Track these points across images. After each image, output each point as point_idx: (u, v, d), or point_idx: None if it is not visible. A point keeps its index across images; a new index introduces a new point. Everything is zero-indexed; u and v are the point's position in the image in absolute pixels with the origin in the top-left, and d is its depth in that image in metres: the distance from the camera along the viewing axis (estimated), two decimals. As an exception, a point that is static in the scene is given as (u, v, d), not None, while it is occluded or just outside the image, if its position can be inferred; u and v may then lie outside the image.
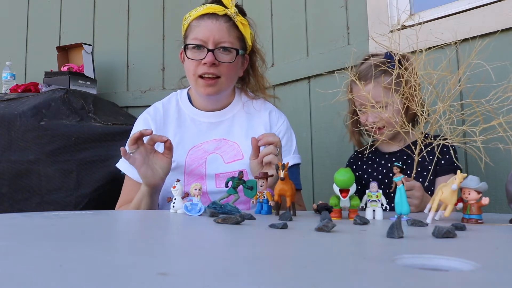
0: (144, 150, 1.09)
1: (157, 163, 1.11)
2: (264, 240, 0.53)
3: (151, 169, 1.10)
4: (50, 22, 2.46)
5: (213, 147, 1.26)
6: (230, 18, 1.22)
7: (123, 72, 2.39)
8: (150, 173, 1.09)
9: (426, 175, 1.21)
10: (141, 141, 1.09)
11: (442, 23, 1.45)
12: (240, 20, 1.23)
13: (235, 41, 1.23)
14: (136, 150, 1.08)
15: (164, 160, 1.11)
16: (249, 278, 0.31)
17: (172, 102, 1.34)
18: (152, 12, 2.38)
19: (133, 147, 1.08)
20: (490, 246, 0.52)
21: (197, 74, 1.21)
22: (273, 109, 1.35)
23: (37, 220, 0.66)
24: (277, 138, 1.07)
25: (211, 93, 1.22)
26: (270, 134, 1.09)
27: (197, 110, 1.31)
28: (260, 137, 1.07)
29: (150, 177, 1.10)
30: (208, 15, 1.21)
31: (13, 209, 1.66)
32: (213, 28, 1.20)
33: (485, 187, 0.75)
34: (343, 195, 0.80)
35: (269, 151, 1.05)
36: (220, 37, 1.20)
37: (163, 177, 1.12)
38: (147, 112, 1.33)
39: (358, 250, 0.48)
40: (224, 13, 1.21)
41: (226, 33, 1.20)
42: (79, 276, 0.30)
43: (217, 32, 1.19)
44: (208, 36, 1.19)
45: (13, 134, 1.68)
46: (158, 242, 0.50)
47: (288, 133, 1.33)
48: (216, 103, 1.30)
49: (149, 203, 1.12)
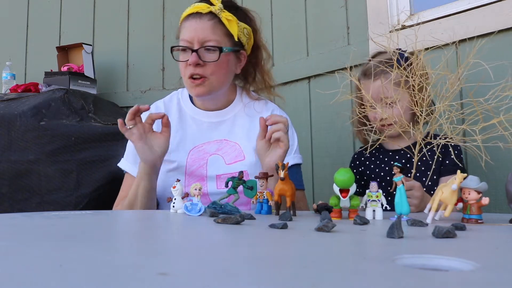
0: (142, 127, 1.10)
1: (155, 142, 1.11)
2: (264, 240, 0.53)
3: (149, 146, 1.10)
4: (50, 22, 2.46)
5: (214, 148, 1.25)
6: (215, 15, 1.19)
7: (123, 72, 2.39)
8: (147, 148, 1.09)
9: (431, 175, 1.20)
10: (139, 118, 1.10)
11: (442, 23, 1.45)
12: (225, 16, 1.19)
13: (222, 39, 1.20)
14: (134, 125, 1.08)
15: (162, 138, 1.12)
16: (249, 278, 0.31)
17: (174, 101, 1.33)
18: (152, 12, 2.38)
19: (131, 122, 1.08)
20: (490, 246, 0.52)
21: (186, 75, 1.20)
22: (276, 108, 1.34)
23: (37, 220, 0.66)
24: (284, 118, 1.08)
25: (200, 94, 1.21)
26: (278, 115, 1.10)
27: (198, 110, 1.30)
28: (268, 117, 1.09)
29: (148, 153, 1.10)
30: (193, 14, 1.19)
31: (13, 209, 1.66)
32: (196, 27, 1.18)
33: (485, 187, 0.75)
34: (343, 195, 0.80)
35: (278, 127, 1.06)
36: (204, 36, 1.17)
37: (161, 156, 1.12)
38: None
39: (358, 250, 0.48)
40: (208, 10, 1.18)
41: (210, 31, 1.18)
42: (79, 276, 0.30)
43: (201, 31, 1.17)
44: (192, 37, 1.18)
45: (13, 134, 1.68)
46: (158, 242, 0.50)
47: (289, 133, 1.32)
48: (214, 103, 1.28)
49: (147, 185, 1.11)
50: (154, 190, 1.15)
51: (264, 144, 1.11)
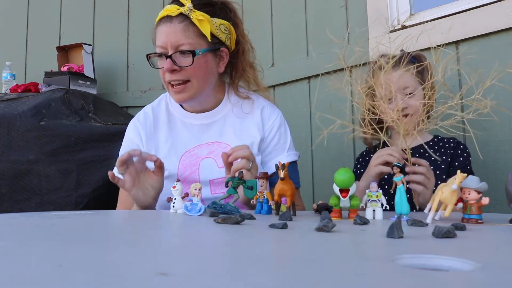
0: (134, 170, 1.05)
1: (148, 182, 1.06)
2: (264, 240, 0.53)
3: (142, 190, 1.05)
4: (50, 22, 2.46)
5: (206, 151, 1.22)
6: (186, 17, 1.13)
7: (123, 72, 2.39)
8: (141, 194, 1.05)
9: (439, 175, 1.20)
10: (131, 161, 1.05)
11: (442, 23, 1.45)
12: (196, 16, 1.13)
13: (196, 40, 1.14)
14: (125, 171, 1.03)
15: (155, 178, 1.06)
16: (249, 278, 0.31)
17: (162, 106, 1.30)
18: (152, 12, 2.38)
19: (122, 168, 1.03)
20: (490, 246, 0.52)
21: (165, 81, 1.17)
22: (266, 105, 1.29)
23: (37, 220, 0.66)
24: (247, 152, 1.04)
25: (182, 100, 1.18)
26: (241, 147, 1.06)
27: (187, 113, 1.26)
28: (230, 151, 1.05)
29: (142, 198, 1.05)
30: (163, 19, 1.15)
31: (13, 209, 1.66)
32: (168, 32, 1.13)
33: (485, 187, 0.75)
34: (343, 195, 0.80)
35: (240, 165, 1.02)
36: (177, 40, 1.13)
37: (155, 197, 1.08)
38: (137, 119, 1.29)
39: (358, 250, 0.48)
40: (178, 12, 1.13)
41: (181, 34, 1.13)
42: (79, 276, 0.30)
43: (173, 35, 1.13)
44: (165, 42, 1.13)
45: (13, 134, 1.68)
46: (158, 242, 0.50)
47: (281, 130, 1.27)
48: (201, 105, 1.25)
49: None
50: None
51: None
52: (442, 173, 1.22)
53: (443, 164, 1.23)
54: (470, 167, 1.25)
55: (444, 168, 1.24)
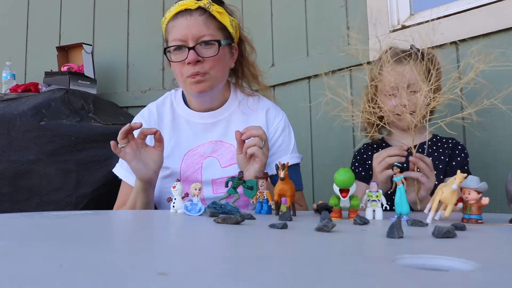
0: (135, 145, 1.08)
1: (149, 157, 1.09)
2: (264, 240, 0.53)
3: (143, 163, 1.08)
4: (50, 22, 2.46)
5: (209, 150, 1.23)
6: (205, 10, 1.16)
7: (123, 72, 2.39)
8: (142, 166, 1.08)
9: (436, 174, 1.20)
10: (132, 136, 1.08)
11: (442, 23, 1.45)
12: (215, 9, 1.16)
13: (216, 32, 1.17)
14: (126, 144, 1.07)
15: (155, 153, 1.10)
16: (249, 278, 0.31)
17: (167, 104, 1.30)
18: (152, 12, 2.38)
19: (123, 141, 1.07)
20: (490, 246, 0.52)
21: (184, 76, 1.17)
22: (271, 107, 1.30)
23: (37, 220, 0.66)
24: (261, 131, 1.06)
25: (202, 90, 1.17)
26: (254, 127, 1.08)
27: (192, 112, 1.27)
28: (244, 130, 1.07)
29: (143, 170, 1.08)
30: (181, 12, 1.16)
31: (13, 209, 1.66)
32: (189, 24, 1.14)
33: (485, 187, 0.75)
34: (343, 195, 0.80)
35: (253, 143, 1.05)
36: (199, 31, 1.14)
37: (156, 171, 1.11)
38: (141, 115, 1.30)
39: (358, 250, 0.48)
40: (197, 6, 1.15)
41: (203, 26, 1.14)
42: (79, 276, 0.30)
43: (194, 27, 1.14)
44: (186, 34, 1.14)
45: (13, 134, 1.68)
46: (158, 242, 0.50)
47: (285, 132, 1.28)
48: (211, 102, 1.25)
49: (144, 199, 1.11)
50: (151, 201, 1.15)
51: (243, 158, 1.09)
52: (440, 173, 1.22)
53: (441, 163, 1.23)
54: (468, 168, 1.25)
55: (442, 168, 1.24)
